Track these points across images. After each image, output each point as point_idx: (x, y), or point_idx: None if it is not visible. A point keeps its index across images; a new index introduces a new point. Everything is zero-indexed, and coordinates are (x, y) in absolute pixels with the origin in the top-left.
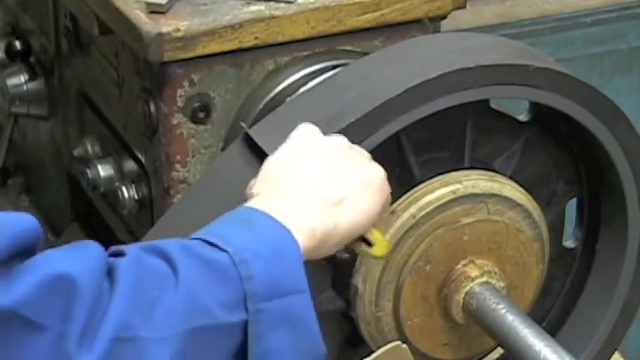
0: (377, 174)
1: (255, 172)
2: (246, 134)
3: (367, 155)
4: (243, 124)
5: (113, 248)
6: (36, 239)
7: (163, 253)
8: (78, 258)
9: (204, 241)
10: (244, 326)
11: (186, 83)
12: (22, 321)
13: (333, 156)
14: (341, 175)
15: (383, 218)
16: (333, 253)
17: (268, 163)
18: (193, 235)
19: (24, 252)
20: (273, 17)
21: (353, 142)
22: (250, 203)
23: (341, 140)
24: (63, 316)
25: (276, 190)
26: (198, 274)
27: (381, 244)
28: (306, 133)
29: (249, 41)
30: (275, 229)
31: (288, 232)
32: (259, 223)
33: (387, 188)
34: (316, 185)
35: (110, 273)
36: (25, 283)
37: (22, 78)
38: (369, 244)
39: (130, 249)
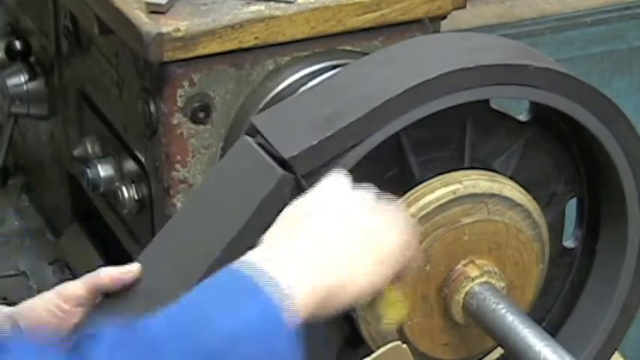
0: (399, 238)
1: (257, 170)
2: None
3: (395, 209)
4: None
5: None
6: None
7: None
8: None
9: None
10: None
11: (186, 83)
12: None
13: (355, 216)
14: (357, 241)
15: (402, 275)
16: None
17: (287, 210)
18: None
19: None
20: (273, 17)
21: (353, 142)
22: (255, 252)
23: (367, 197)
24: None
25: (285, 242)
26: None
27: (396, 308)
28: (334, 185)
29: (249, 41)
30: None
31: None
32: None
33: (409, 250)
34: (328, 247)
35: None
36: None
37: (22, 78)
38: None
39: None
